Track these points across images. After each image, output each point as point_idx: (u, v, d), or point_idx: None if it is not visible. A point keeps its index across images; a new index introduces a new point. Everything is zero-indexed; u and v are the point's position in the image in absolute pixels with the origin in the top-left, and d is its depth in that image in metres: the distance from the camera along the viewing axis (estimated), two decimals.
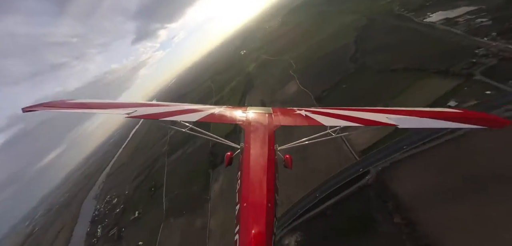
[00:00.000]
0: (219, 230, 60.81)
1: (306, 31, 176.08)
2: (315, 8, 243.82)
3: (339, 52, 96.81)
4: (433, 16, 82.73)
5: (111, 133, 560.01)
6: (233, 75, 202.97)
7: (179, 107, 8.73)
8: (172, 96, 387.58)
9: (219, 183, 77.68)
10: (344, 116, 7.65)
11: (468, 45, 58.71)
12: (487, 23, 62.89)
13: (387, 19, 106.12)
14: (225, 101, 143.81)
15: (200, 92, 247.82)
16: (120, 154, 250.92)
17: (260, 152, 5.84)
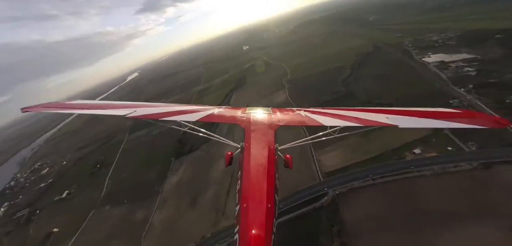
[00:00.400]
0: (162, 227, 59.23)
1: (312, 44, 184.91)
2: (329, 26, 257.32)
3: (335, 73, 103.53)
4: (431, 57, 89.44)
5: (80, 92, 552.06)
6: (228, 67, 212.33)
7: (178, 108, 9.44)
8: (157, 73, 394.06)
9: (178, 175, 77.36)
10: (344, 117, 8.19)
11: (446, 93, 64.52)
12: (471, 74, 69.09)
13: (392, 51, 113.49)
14: (210, 94, 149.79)
15: (187, 76, 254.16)
16: (75, 118, 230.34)
17: (260, 151, 6.15)
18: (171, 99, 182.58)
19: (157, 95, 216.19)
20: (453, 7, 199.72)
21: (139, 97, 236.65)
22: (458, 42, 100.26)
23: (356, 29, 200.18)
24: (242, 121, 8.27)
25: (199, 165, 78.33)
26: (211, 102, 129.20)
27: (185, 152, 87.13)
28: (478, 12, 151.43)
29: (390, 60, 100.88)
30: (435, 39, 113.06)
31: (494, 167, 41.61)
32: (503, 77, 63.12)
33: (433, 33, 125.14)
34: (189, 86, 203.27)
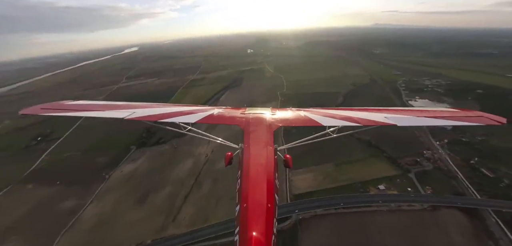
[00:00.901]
0: (92, 222, 52.08)
1: (314, 64, 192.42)
2: (335, 51, 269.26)
3: (328, 98, 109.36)
4: (417, 102, 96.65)
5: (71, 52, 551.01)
6: (228, 65, 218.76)
7: (178, 108, 9.69)
8: (156, 53, 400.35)
9: (134, 165, 72.10)
10: (343, 117, 8.42)
11: (423, 143, 70.21)
12: (447, 128, 74.33)
13: (385, 88, 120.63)
14: (202, 85, 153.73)
15: (185, 63, 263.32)
16: (49, 77, 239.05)
17: (260, 152, 6.33)
18: (160, 79, 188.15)
19: (149, 72, 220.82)
20: (454, 55, 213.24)
21: (128, 71, 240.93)
22: (445, 90, 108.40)
23: (359, 59, 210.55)
24: (241, 121, 8.52)
25: (162, 159, 74.33)
26: (201, 94, 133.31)
27: (150, 142, 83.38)
28: (473, 64, 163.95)
29: (381, 97, 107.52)
30: (426, 83, 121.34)
31: (441, 210, 47.28)
32: (474, 139, 70.05)
33: (427, 77, 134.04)
34: (183, 72, 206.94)
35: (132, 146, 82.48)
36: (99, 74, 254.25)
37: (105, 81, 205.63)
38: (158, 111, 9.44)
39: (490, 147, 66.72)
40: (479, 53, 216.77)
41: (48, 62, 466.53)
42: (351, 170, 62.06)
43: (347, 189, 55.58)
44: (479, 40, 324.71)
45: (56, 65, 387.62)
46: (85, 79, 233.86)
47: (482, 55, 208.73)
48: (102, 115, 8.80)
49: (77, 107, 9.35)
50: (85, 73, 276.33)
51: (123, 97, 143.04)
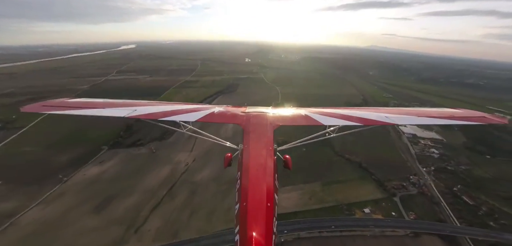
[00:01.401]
0: (32, 227, 46.47)
1: (309, 80, 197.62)
2: (331, 69, 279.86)
3: None
4: (407, 127, 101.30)
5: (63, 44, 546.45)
6: (224, 71, 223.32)
7: (178, 107, 9.87)
8: (153, 52, 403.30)
9: (100, 168, 66.67)
10: (344, 116, 8.59)
11: (409, 168, 73.34)
12: (434, 155, 79.61)
13: None
14: (194, 87, 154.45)
15: (181, 64, 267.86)
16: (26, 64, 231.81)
17: (259, 151, 6.42)
18: (152, 77, 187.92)
19: (140, 70, 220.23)
20: (443, 83, 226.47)
21: (121, 66, 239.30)
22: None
23: (354, 79, 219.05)
24: (241, 121, 8.58)
25: (135, 164, 69.47)
26: (194, 95, 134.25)
27: (126, 143, 78.43)
28: (459, 94, 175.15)
29: None
30: None
31: (422, 237, 49.54)
32: (458, 167, 74.24)
33: (416, 102, 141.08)
34: (177, 73, 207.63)
35: (104, 145, 77.00)
36: (87, 67, 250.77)
37: (93, 73, 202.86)
38: (159, 109, 9.65)
39: (473, 176, 70.86)
40: (466, 83, 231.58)
41: (38, 51, 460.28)
42: (339, 191, 63.50)
43: (333, 210, 56.45)
44: (468, 70, 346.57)
45: (48, 54, 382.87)
46: (71, 69, 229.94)
47: (469, 85, 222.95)
48: (103, 114, 8.87)
49: (78, 104, 9.57)
50: (74, 64, 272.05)
51: (110, 90, 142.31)
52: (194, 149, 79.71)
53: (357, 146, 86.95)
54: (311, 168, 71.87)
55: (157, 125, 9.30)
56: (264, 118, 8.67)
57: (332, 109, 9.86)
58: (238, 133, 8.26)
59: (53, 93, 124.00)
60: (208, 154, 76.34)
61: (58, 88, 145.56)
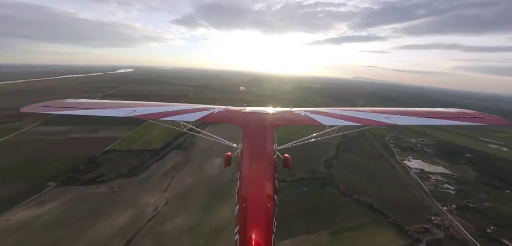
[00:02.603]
0: None
1: (301, 108, 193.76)
2: (321, 98, 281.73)
3: (318, 147, 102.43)
4: (412, 162, 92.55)
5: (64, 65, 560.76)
6: (217, 99, 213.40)
7: (178, 107, 9.73)
8: (148, 77, 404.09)
9: (36, 211, 51.60)
10: (344, 116, 8.44)
11: (428, 207, 63.61)
12: (451, 192, 70.92)
13: (375, 143, 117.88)
14: None
15: (174, 89, 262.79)
16: None
17: (259, 152, 6.28)
18: (133, 100, 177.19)
19: (130, 94, 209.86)
20: None
21: (109, 90, 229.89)
22: (435, 152, 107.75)
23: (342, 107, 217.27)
24: (241, 121, 8.48)
25: (87, 207, 54.76)
26: (177, 124, 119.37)
27: (83, 179, 65.07)
28: (451, 125, 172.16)
29: (373, 153, 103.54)
30: (413, 142, 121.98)
31: None
32: (482, 205, 65.51)
33: (411, 134, 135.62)
34: (167, 99, 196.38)
35: (52, 181, 63.05)
36: (74, 89, 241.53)
37: (75, 96, 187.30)
38: (159, 110, 9.51)
39: (502, 214, 61.70)
40: None
41: (33, 70, 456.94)
42: (352, 240, 51.80)
43: None
44: (447, 100, 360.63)
45: (40, 74, 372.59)
46: (54, 91, 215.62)
47: None
48: (103, 114, 8.69)
49: (78, 105, 9.56)
50: (62, 85, 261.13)
51: (84, 117, 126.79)
52: (170, 189, 65.49)
53: (363, 183, 76.21)
54: (314, 213, 60.69)
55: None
56: (264, 118, 8.58)
57: (332, 109, 9.90)
58: (238, 133, 8.27)
59: (13, 118, 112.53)
60: (187, 195, 62.95)
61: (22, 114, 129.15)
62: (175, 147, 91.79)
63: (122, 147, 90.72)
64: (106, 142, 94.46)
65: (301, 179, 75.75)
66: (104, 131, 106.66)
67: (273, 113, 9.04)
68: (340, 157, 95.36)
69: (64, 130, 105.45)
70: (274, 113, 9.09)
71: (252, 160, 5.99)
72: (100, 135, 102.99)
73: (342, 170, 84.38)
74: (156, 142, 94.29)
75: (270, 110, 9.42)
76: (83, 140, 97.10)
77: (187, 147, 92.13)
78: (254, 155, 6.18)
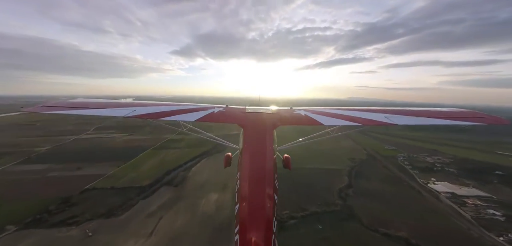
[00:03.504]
0: None
1: (303, 133, 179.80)
2: None
3: (329, 176, 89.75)
4: (438, 185, 79.95)
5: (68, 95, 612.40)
6: (214, 127, 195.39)
7: (178, 107, 9.78)
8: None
9: None
10: (343, 116, 8.59)
11: (480, 239, 50.96)
12: (500, 219, 58.03)
13: (388, 165, 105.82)
14: (176, 148, 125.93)
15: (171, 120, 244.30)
16: None
17: (259, 151, 6.26)
18: (132, 135, 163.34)
19: (122, 127, 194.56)
20: (432, 129, 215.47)
21: (104, 122, 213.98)
22: (459, 171, 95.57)
23: (346, 130, 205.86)
24: (241, 121, 8.46)
25: None
26: (170, 159, 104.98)
27: (51, 221, 54.84)
28: (456, 139, 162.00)
29: (390, 177, 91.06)
30: (430, 161, 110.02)
31: None
32: None
33: (424, 153, 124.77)
34: (163, 130, 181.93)
35: (11, 225, 52.89)
36: (69, 121, 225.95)
37: (67, 130, 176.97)
38: (159, 109, 9.35)
39: None
40: (453, 127, 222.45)
41: (32, 101, 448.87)
42: None
43: None
44: None
45: (36, 104, 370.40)
46: (47, 124, 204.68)
47: (458, 130, 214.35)
48: (103, 114, 8.52)
49: (78, 105, 9.25)
50: (57, 118, 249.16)
51: (69, 153, 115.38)
52: (156, 232, 52.45)
53: (389, 214, 63.59)
54: None
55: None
56: (264, 118, 8.55)
57: (332, 109, 9.67)
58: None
59: None
60: (177, 239, 50.72)
61: (9, 149, 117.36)
62: (166, 183, 79.02)
63: (105, 184, 78.67)
64: (88, 179, 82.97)
65: (314, 214, 62.71)
66: (89, 168, 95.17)
67: (273, 113, 8.98)
68: (355, 184, 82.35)
69: (42, 168, 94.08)
70: (274, 113, 9.02)
71: (252, 159, 5.90)
72: (83, 173, 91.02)
73: (360, 199, 71.29)
74: (144, 178, 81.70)
75: (270, 110, 9.35)
76: (61, 179, 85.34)
77: (179, 183, 79.28)
78: (254, 154, 6.05)
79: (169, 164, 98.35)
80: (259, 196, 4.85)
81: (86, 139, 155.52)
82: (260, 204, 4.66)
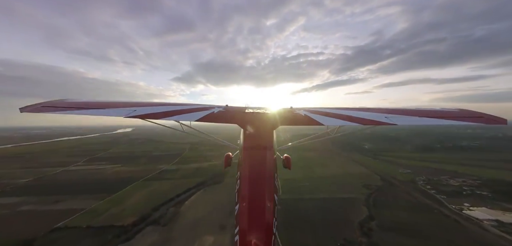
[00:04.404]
0: None
1: (306, 157, 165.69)
2: (323, 144, 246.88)
3: (344, 207, 77.04)
4: (475, 211, 67.55)
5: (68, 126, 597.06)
6: (214, 156, 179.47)
7: (178, 107, 9.50)
8: (146, 135, 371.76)
9: None
10: (344, 116, 8.29)
11: None
12: None
13: (409, 191, 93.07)
14: (170, 179, 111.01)
15: (168, 149, 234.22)
16: None
17: (259, 151, 6.26)
18: (125, 166, 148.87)
19: (116, 157, 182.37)
20: (443, 149, 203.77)
21: (99, 153, 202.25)
22: (493, 194, 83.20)
23: (353, 154, 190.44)
24: (241, 121, 8.37)
25: None
26: (162, 190, 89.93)
27: None
28: (476, 159, 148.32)
29: (416, 204, 78.63)
30: (455, 184, 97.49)
31: None
32: None
33: (445, 175, 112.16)
34: (159, 160, 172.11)
35: None
36: (60, 152, 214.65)
37: (56, 161, 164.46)
38: (159, 110, 9.29)
39: None
40: (464, 146, 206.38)
41: (28, 134, 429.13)
42: None
43: None
44: (446, 133, 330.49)
45: (32, 137, 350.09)
46: (35, 156, 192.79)
47: (471, 148, 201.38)
48: (103, 114, 8.27)
49: (78, 105, 8.89)
50: (47, 149, 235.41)
51: (52, 186, 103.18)
52: None
53: (422, 241, 50.61)
54: None
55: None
56: (264, 118, 8.54)
57: (332, 109, 9.45)
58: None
59: None
60: None
61: None
62: (152, 221, 66.21)
63: (81, 222, 66.80)
64: (63, 215, 71.72)
65: None
66: (68, 202, 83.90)
67: (273, 113, 8.85)
68: (377, 215, 69.54)
69: (15, 202, 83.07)
70: (274, 113, 8.87)
71: (252, 159, 5.88)
72: (60, 207, 79.54)
73: (388, 234, 58.50)
74: (128, 215, 69.36)
75: (270, 110, 9.30)
76: (33, 214, 74.03)
77: (169, 221, 66.39)
78: (254, 154, 6.05)
79: (159, 197, 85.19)
80: (259, 196, 4.80)
81: (74, 170, 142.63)
82: (260, 204, 4.60)
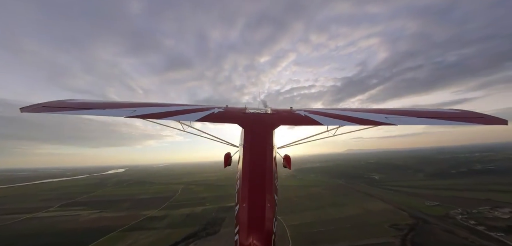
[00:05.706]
0: None
1: (317, 196, 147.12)
2: (332, 179, 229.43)
3: None
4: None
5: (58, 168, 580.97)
6: (208, 198, 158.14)
7: (178, 108, 9.44)
8: (137, 177, 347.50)
9: None
10: (343, 116, 8.23)
11: None
12: None
13: (452, 229, 75.01)
14: (157, 230, 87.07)
15: (158, 191, 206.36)
16: None
17: (259, 151, 6.16)
18: (102, 212, 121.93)
19: (97, 202, 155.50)
20: (458, 175, 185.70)
21: (80, 196, 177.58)
22: None
23: (366, 188, 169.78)
24: (241, 121, 8.01)
25: None
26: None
27: None
28: (494, 183, 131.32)
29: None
30: (504, 217, 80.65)
31: None
32: None
33: (484, 206, 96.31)
34: (145, 204, 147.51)
35: None
36: (37, 195, 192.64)
37: (26, 207, 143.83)
38: (159, 110, 8.94)
39: None
40: (477, 170, 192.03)
41: (15, 175, 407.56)
42: None
43: None
44: (455, 158, 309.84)
45: (19, 178, 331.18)
46: (10, 200, 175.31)
47: (486, 172, 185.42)
48: (103, 114, 8.05)
49: (78, 105, 8.65)
50: (25, 193, 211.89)
51: (13, 236, 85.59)
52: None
53: None
54: None
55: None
56: (264, 118, 8.31)
57: (332, 110, 9.42)
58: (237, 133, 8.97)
59: None
60: None
61: None
62: None
63: None
64: None
65: None
66: None
67: (273, 114, 8.65)
68: None
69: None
70: (274, 114, 8.67)
71: (252, 159, 5.84)
72: None
73: None
74: None
75: (270, 110, 9.16)
76: None
77: None
78: (254, 154, 5.99)
79: None
80: (259, 196, 4.76)
81: (41, 217, 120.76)
82: (260, 204, 4.59)
